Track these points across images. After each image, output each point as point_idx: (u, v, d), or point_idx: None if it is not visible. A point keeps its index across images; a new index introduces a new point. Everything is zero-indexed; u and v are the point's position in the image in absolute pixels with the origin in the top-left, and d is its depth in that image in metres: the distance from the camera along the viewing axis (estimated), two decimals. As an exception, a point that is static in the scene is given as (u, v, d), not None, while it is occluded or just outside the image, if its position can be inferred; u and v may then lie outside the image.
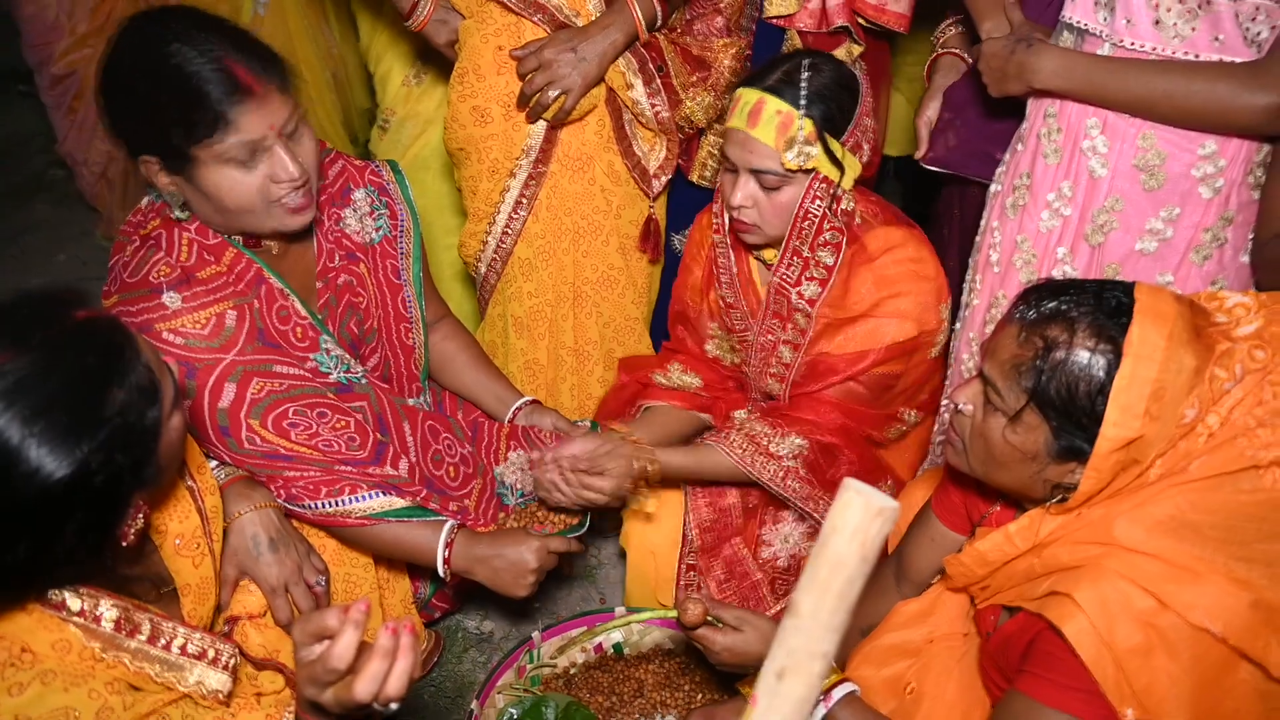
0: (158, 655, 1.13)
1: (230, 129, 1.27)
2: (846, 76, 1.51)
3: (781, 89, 1.46)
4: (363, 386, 1.57)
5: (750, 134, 1.47)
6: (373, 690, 0.92)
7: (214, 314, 1.37)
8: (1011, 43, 1.46)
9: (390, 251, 1.64)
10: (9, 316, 0.97)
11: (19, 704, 0.98)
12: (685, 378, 1.77)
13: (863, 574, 0.86)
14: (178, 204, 1.37)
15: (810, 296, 1.59)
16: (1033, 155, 1.50)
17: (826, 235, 1.54)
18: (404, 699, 0.96)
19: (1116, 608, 1.02)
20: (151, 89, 1.25)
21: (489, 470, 1.73)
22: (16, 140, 3.92)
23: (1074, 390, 1.05)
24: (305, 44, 3.10)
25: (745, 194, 1.51)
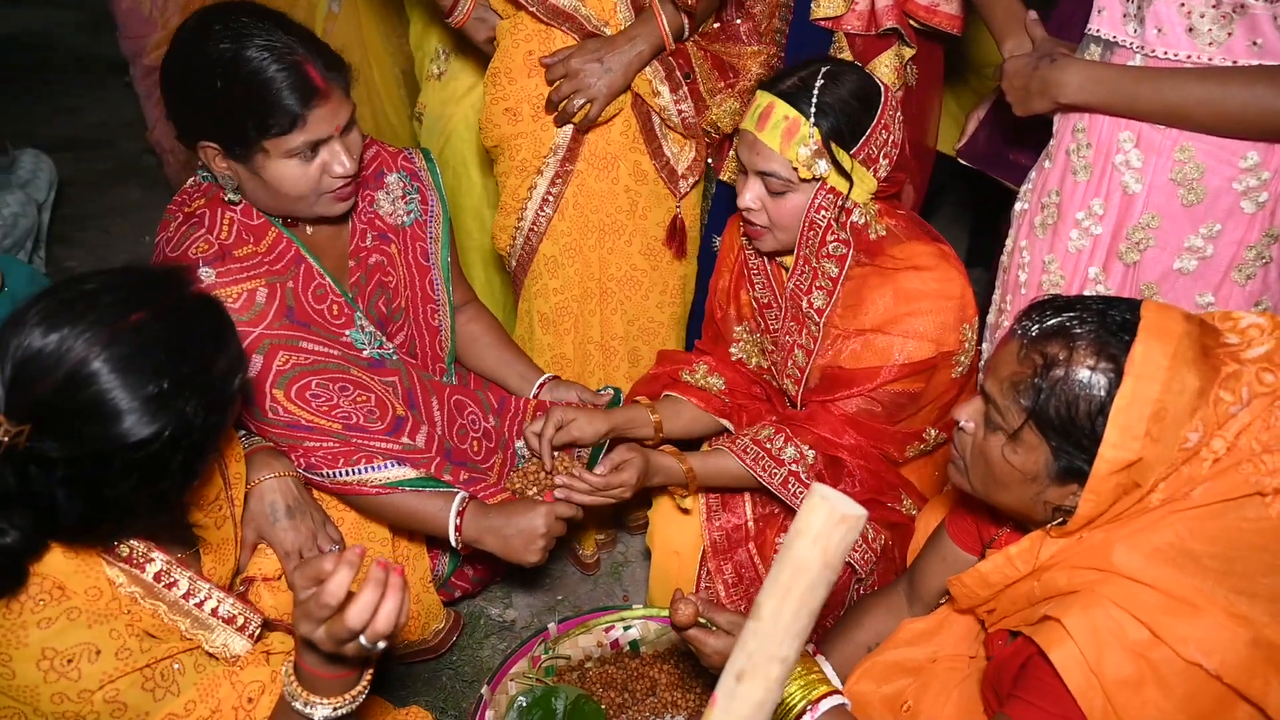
0: (190, 611, 1.20)
1: (302, 128, 1.36)
2: (866, 89, 1.48)
3: (793, 95, 1.45)
4: (394, 362, 1.65)
5: (758, 136, 1.47)
6: (364, 618, 0.96)
7: (245, 290, 1.45)
8: (1034, 59, 1.42)
9: (420, 235, 1.71)
10: (139, 284, 1.07)
11: (46, 636, 1.04)
12: (710, 379, 1.77)
13: (825, 580, 0.85)
14: (231, 187, 1.45)
15: (818, 306, 1.58)
16: (1061, 172, 1.45)
17: (830, 246, 1.53)
18: (392, 641, 1.01)
19: (1108, 636, 0.99)
20: (229, 84, 1.33)
21: (510, 444, 1.78)
22: (115, 127, 4.14)
23: (1073, 409, 1.03)
24: (376, 40, 3.18)
25: (753, 195, 1.52)
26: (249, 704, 1.14)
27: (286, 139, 1.36)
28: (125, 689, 1.07)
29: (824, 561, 0.84)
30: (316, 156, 1.41)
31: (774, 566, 0.87)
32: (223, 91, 1.34)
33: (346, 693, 1.08)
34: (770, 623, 0.85)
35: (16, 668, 1.03)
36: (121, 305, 1.03)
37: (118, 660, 1.06)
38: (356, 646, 0.99)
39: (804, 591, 0.84)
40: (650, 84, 1.75)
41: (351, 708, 1.10)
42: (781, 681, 0.86)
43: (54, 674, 1.03)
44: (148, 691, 1.09)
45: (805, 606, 0.85)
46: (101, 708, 1.06)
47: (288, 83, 1.34)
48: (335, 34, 3.08)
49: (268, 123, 1.35)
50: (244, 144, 1.37)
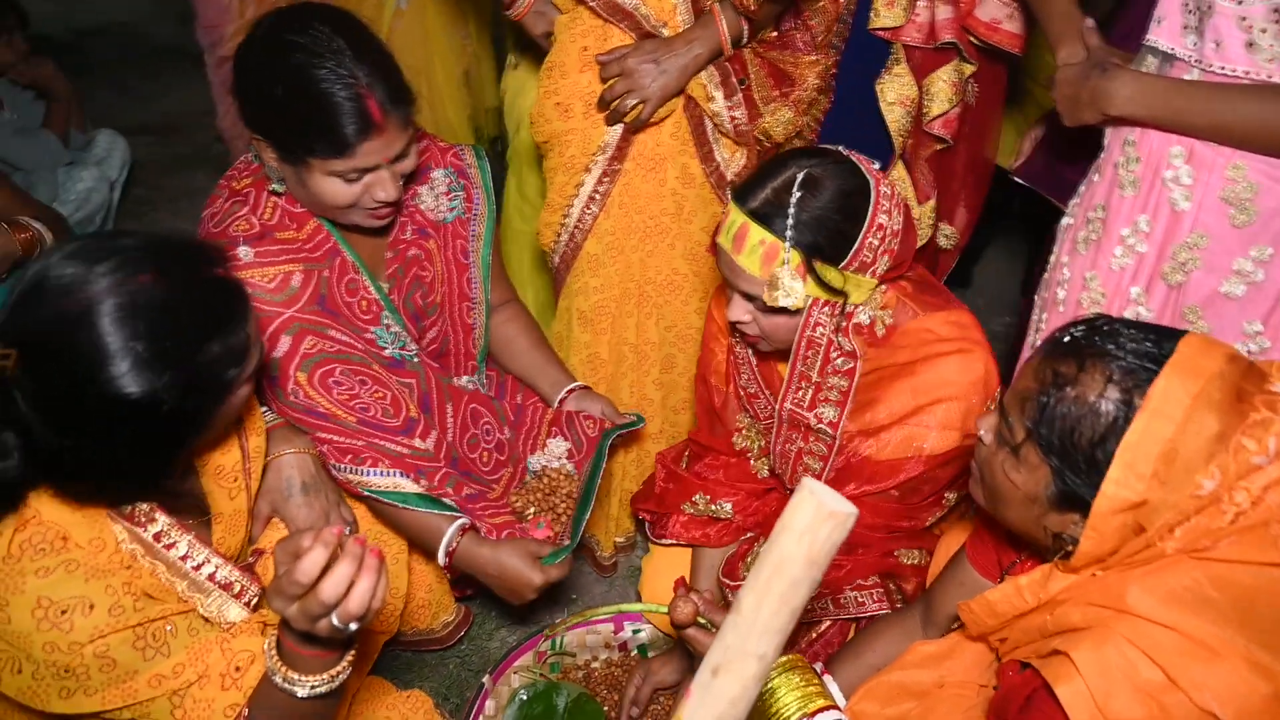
0: (187, 573, 1.21)
1: (350, 157, 1.38)
2: (848, 191, 1.32)
3: (768, 215, 1.31)
4: (414, 364, 1.64)
5: (735, 259, 1.35)
6: (336, 593, 0.96)
7: (282, 272, 1.47)
8: (1085, 68, 1.37)
9: (461, 232, 1.71)
10: (165, 248, 1.09)
11: (43, 585, 1.06)
12: (713, 508, 1.68)
13: (809, 578, 0.83)
14: (277, 178, 1.48)
15: (830, 420, 1.48)
16: (1109, 187, 1.40)
17: (836, 362, 1.43)
18: (364, 623, 1.01)
19: (1118, 675, 0.95)
20: (290, 97, 1.35)
21: (523, 459, 1.76)
22: (190, 115, 4.27)
23: (1076, 434, 0.99)
24: (441, 41, 3.24)
25: (740, 311, 1.41)
26: (236, 672, 1.15)
27: (333, 162, 1.38)
28: (116, 645, 1.08)
29: (808, 558, 0.81)
30: (361, 180, 1.42)
31: (758, 561, 0.84)
32: (283, 102, 1.36)
33: (326, 672, 1.09)
34: (749, 618, 0.83)
35: (12, 613, 1.05)
36: (141, 263, 1.04)
37: (110, 616, 1.07)
38: (328, 625, 0.99)
39: (786, 588, 0.82)
40: (705, 88, 1.74)
41: (330, 687, 1.10)
42: (759, 679, 0.83)
43: (47, 623, 1.04)
44: (138, 650, 1.09)
45: (786, 604, 0.82)
46: (91, 662, 1.07)
47: (346, 112, 1.34)
48: (401, 31, 3.14)
49: (314, 145, 1.36)
50: (292, 152, 1.40)
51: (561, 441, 1.75)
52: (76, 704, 1.09)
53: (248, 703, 1.15)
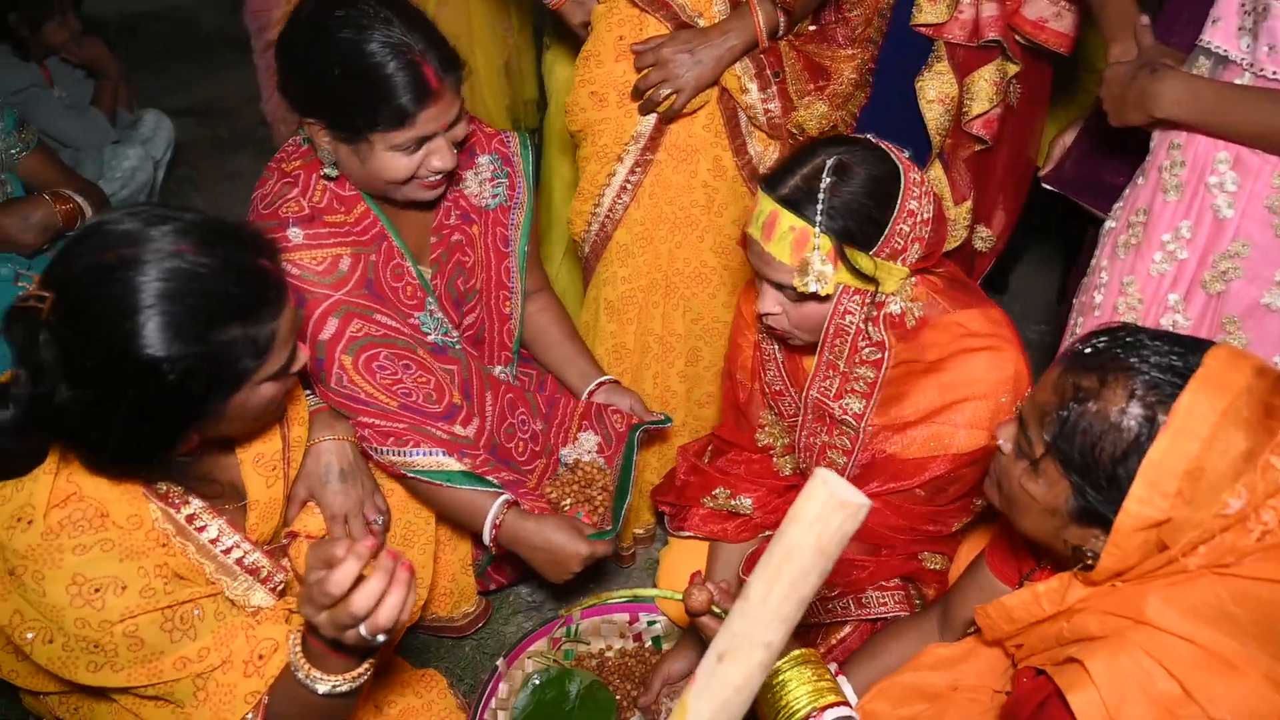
0: (216, 556, 1.23)
1: (411, 126, 1.38)
2: (880, 178, 1.31)
3: (798, 202, 1.30)
4: (456, 351, 1.65)
5: (765, 247, 1.33)
6: (367, 605, 0.97)
7: (331, 255, 1.48)
8: (1134, 68, 1.34)
9: (502, 220, 1.71)
10: (219, 227, 1.10)
11: (79, 563, 1.08)
12: (733, 503, 1.66)
13: (819, 567, 0.82)
14: (330, 162, 1.48)
15: (855, 411, 1.46)
16: (1152, 190, 1.36)
17: (864, 352, 1.41)
18: (392, 637, 1.01)
19: (1132, 685, 0.93)
20: (345, 74, 1.36)
21: (555, 451, 1.77)
22: (236, 99, 4.34)
23: (1097, 450, 0.96)
24: (483, 31, 3.26)
25: (771, 302, 1.39)
26: (260, 660, 1.16)
27: (394, 134, 1.38)
28: (145, 626, 1.10)
29: (818, 548, 0.81)
30: (420, 150, 1.43)
31: (768, 549, 0.84)
32: (339, 80, 1.36)
33: (348, 673, 1.10)
34: (757, 605, 0.82)
35: (48, 587, 1.07)
36: (189, 234, 1.06)
37: (141, 598, 1.09)
38: (356, 635, 1.00)
39: (795, 577, 0.81)
40: (739, 80, 1.73)
41: (351, 687, 1.11)
42: (764, 667, 0.83)
43: (80, 600, 1.07)
44: (165, 633, 1.11)
45: (795, 592, 0.81)
46: (120, 640, 1.09)
47: (403, 81, 1.34)
48: (444, 20, 3.16)
49: (377, 118, 1.36)
50: (351, 130, 1.40)
51: (592, 435, 1.76)
52: (104, 678, 1.12)
53: (268, 690, 1.16)
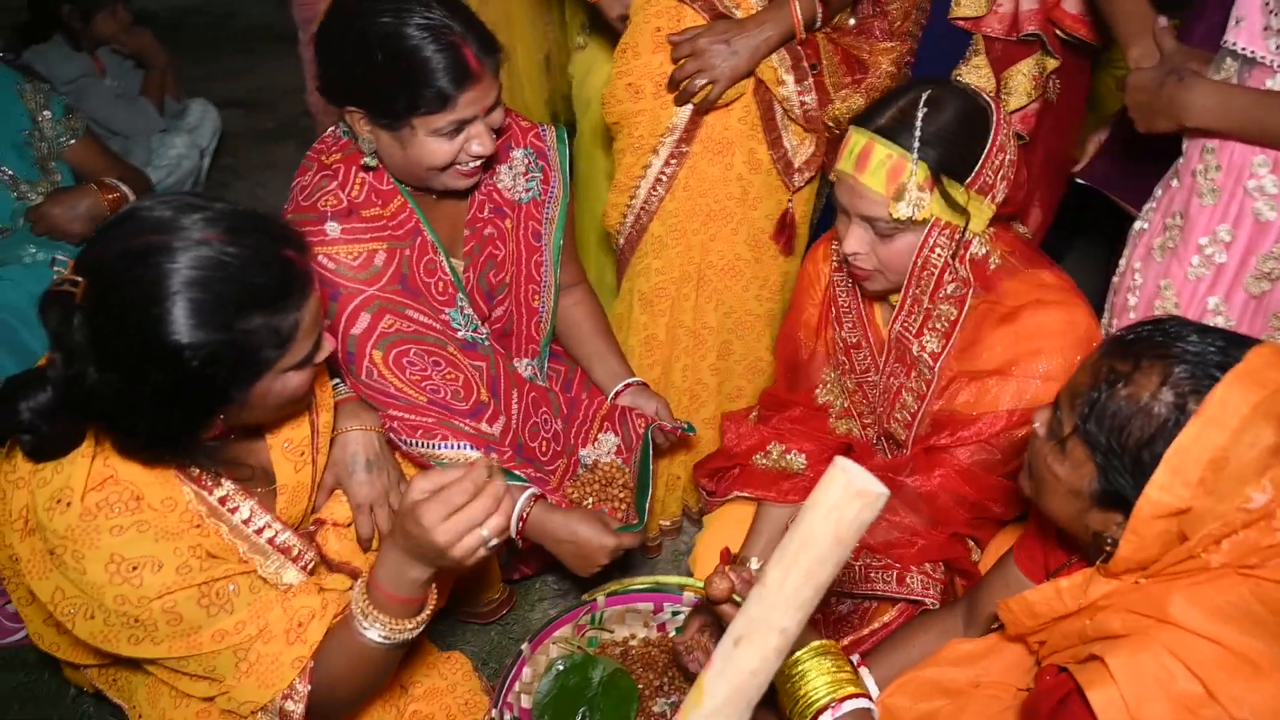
0: (249, 536, 1.25)
1: (451, 109, 1.40)
2: (973, 111, 1.35)
3: (893, 131, 1.33)
4: (485, 348, 1.67)
5: (859, 179, 1.36)
6: (498, 496, 1.06)
7: (366, 249, 1.49)
8: (1161, 74, 1.32)
9: (535, 214, 1.72)
10: (248, 217, 1.12)
11: (116, 543, 1.11)
12: (787, 458, 1.66)
13: (835, 556, 0.83)
14: (370, 151, 1.49)
15: (933, 350, 1.46)
16: (1187, 194, 1.35)
17: (949, 288, 1.41)
18: (498, 544, 1.09)
19: (1153, 684, 0.92)
20: (386, 58, 1.37)
21: (575, 451, 1.79)
22: (281, 90, 4.42)
23: (1124, 433, 0.96)
24: (524, 23, 3.28)
25: (857, 241, 1.41)
26: (299, 627, 1.19)
27: (435, 118, 1.39)
28: (182, 602, 1.13)
29: (835, 536, 0.81)
30: (460, 134, 1.44)
31: (786, 536, 0.85)
32: (380, 65, 1.37)
33: (409, 619, 1.16)
34: (774, 591, 0.83)
35: (87, 566, 1.10)
36: (219, 222, 1.08)
37: (177, 575, 1.12)
38: (476, 539, 1.06)
39: (811, 564, 0.82)
40: (775, 72, 1.73)
41: (408, 636, 1.16)
42: (779, 652, 0.84)
43: (119, 578, 1.10)
44: (203, 608, 1.14)
45: (811, 579, 0.82)
46: (159, 615, 1.12)
47: (444, 64, 1.36)
48: (486, 13, 3.18)
49: (418, 102, 1.38)
50: (392, 116, 1.41)
51: (612, 436, 1.77)
52: (144, 650, 1.15)
53: (312, 655, 1.19)
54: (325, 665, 1.19)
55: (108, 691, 1.41)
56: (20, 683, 1.71)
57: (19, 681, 1.71)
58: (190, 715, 1.26)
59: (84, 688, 1.56)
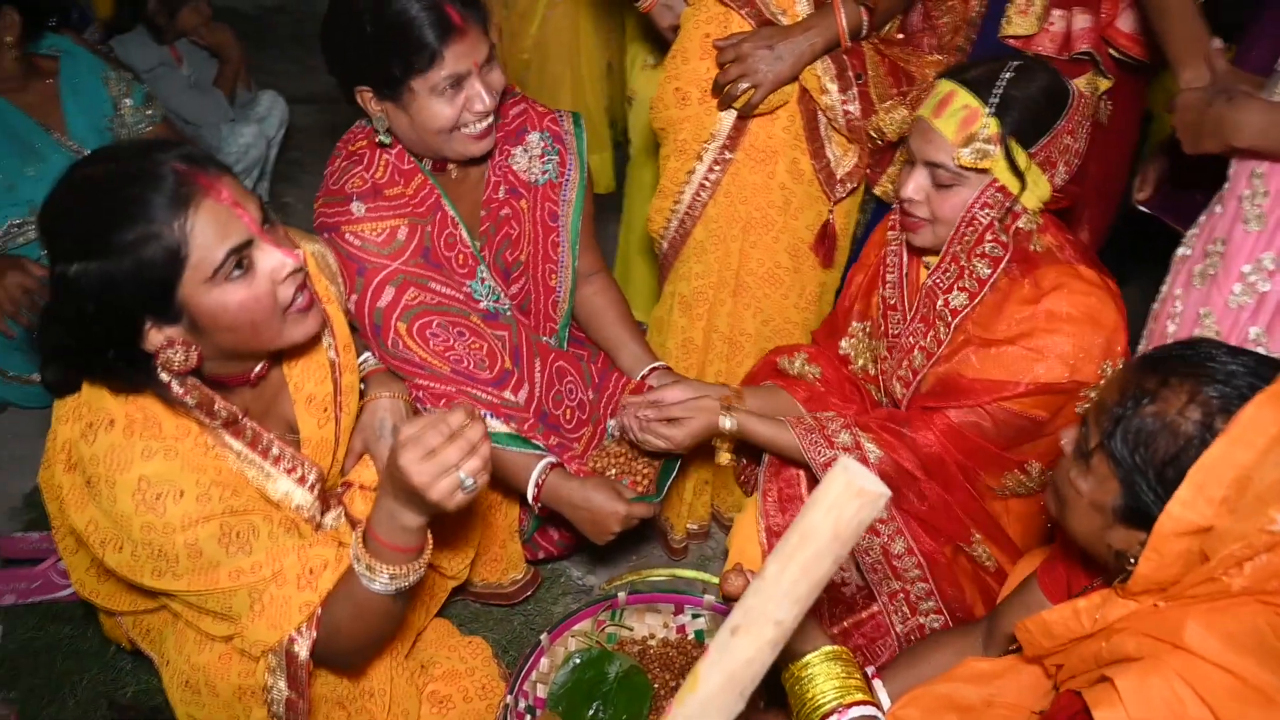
0: (255, 460, 1.30)
1: (441, 64, 1.46)
2: (1055, 89, 1.42)
3: (976, 84, 1.41)
4: (507, 317, 1.72)
5: (933, 123, 1.43)
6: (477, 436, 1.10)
7: (389, 226, 1.57)
8: (1210, 94, 1.31)
9: (552, 196, 1.77)
10: (141, 143, 1.21)
11: (145, 466, 1.17)
12: (807, 367, 1.76)
13: (833, 552, 0.83)
14: (384, 128, 1.57)
15: (955, 306, 1.50)
16: (1231, 220, 1.33)
17: (986, 246, 1.45)
18: (475, 490, 1.11)
19: (1162, 709, 0.91)
20: (377, 28, 1.45)
21: (603, 420, 1.82)
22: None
23: (1149, 449, 0.96)
24: (589, 32, 3.35)
25: (917, 186, 1.48)
26: (311, 575, 1.23)
27: (429, 75, 1.46)
28: (204, 538, 1.18)
29: (834, 533, 0.82)
30: (460, 93, 1.50)
31: (787, 531, 0.85)
32: (372, 36, 1.45)
33: (405, 564, 1.18)
34: (772, 583, 0.84)
35: (118, 494, 1.16)
36: (106, 154, 1.18)
37: (197, 504, 1.17)
38: (452, 482, 1.08)
39: (808, 559, 0.82)
40: (819, 80, 1.73)
41: (405, 583, 1.19)
42: (774, 644, 0.84)
43: (144, 506, 1.16)
44: (222, 546, 1.19)
45: (808, 574, 0.83)
46: (181, 550, 1.17)
47: (427, 20, 1.43)
48: (554, 19, 3.28)
49: (411, 60, 1.44)
50: (393, 84, 1.48)
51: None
52: (166, 583, 1.21)
53: (322, 602, 1.24)
54: (330, 612, 1.24)
55: (140, 643, 1.47)
56: (65, 635, 1.79)
57: (64, 634, 1.80)
58: (213, 659, 1.32)
59: (121, 644, 1.64)
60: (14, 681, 1.71)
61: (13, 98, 2.20)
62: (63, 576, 1.85)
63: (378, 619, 1.25)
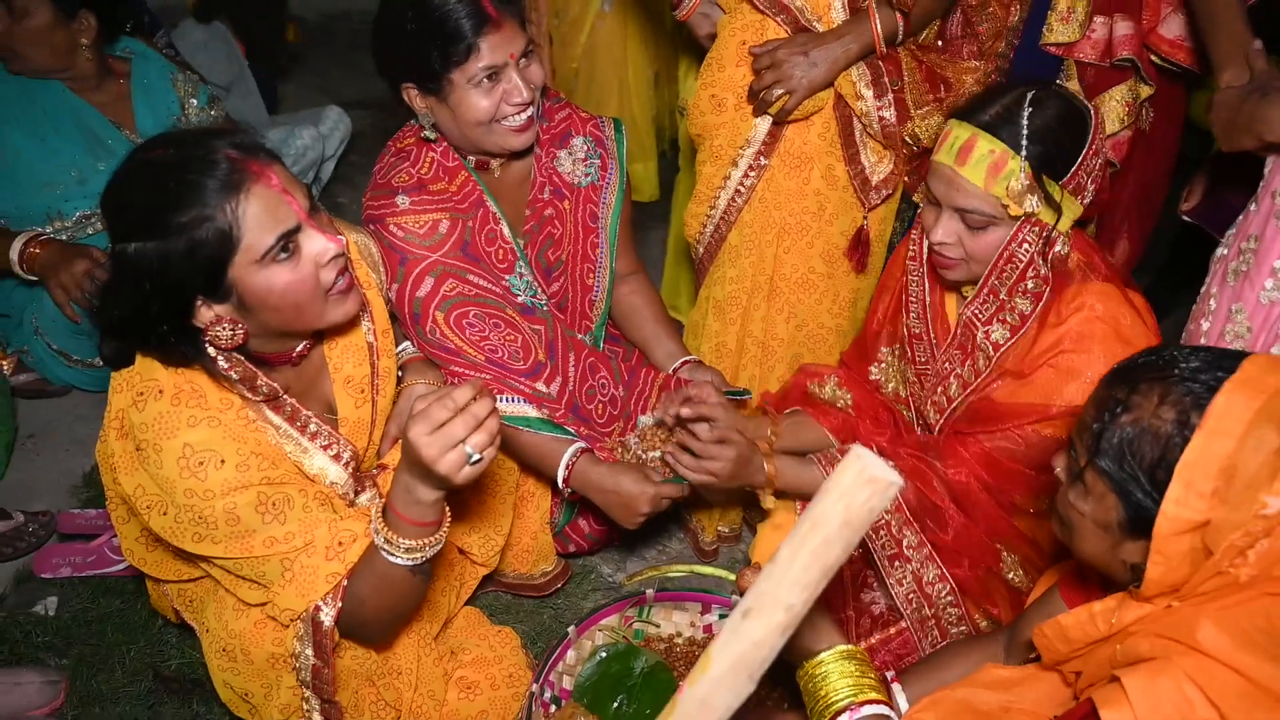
0: (293, 435, 1.37)
1: (477, 55, 1.52)
2: (1074, 112, 1.40)
3: (997, 126, 1.38)
4: (543, 312, 1.77)
5: (958, 171, 1.40)
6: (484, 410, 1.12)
7: (432, 219, 1.63)
8: (1245, 92, 1.32)
9: (593, 198, 1.82)
10: (198, 131, 1.26)
11: (190, 434, 1.24)
12: (838, 392, 1.75)
13: (843, 538, 0.85)
14: (429, 124, 1.64)
15: (996, 340, 1.49)
16: (1265, 217, 1.33)
17: (1029, 283, 1.44)
18: (482, 466, 1.14)
19: (1169, 709, 0.91)
20: (417, 23, 1.53)
21: (634, 416, 1.85)
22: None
23: (1135, 456, 0.96)
24: (636, 44, 3.42)
25: (947, 231, 1.45)
26: (339, 546, 1.29)
27: (466, 67, 1.52)
28: (241, 505, 1.24)
29: (844, 519, 0.84)
30: (497, 85, 1.56)
31: (800, 518, 0.88)
32: (413, 33, 1.53)
33: (422, 538, 1.22)
34: (783, 569, 0.86)
35: (164, 459, 1.23)
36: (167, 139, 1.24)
37: (236, 472, 1.24)
38: (459, 456, 1.11)
39: (818, 545, 0.85)
40: (855, 85, 1.75)
41: (422, 556, 1.23)
42: (784, 629, 0.87)
43: (187, 472, 1.22)
44: (259, 514, 1.25)
45: (818, 560, 0.85)
46: (220, 515, 1.24)
47: (463, 12, 1.50)
48: (603, 31, 3.35)
49: (449, 51, 1.51)
50: (434, 78, 1.55)
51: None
52: (205, 548, 1.28)
53: (347, 573, 1.29)
54: (354, 584, 1.29)
55: (184, 613, 1.54)
56: (116, 609, 1.87)
57: (115, 608, 1.88)
58: (249, 625, 1.38)
59: (167, 616, 1.71)
60: (66, 650, 1.80)
61: (88, 96, 2.32)
62: (115, 552, 1.94)
63: (399, 593, 1.29)
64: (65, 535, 2.04)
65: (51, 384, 2.47)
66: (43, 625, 1.83)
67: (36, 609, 1.88)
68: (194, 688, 1.73)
